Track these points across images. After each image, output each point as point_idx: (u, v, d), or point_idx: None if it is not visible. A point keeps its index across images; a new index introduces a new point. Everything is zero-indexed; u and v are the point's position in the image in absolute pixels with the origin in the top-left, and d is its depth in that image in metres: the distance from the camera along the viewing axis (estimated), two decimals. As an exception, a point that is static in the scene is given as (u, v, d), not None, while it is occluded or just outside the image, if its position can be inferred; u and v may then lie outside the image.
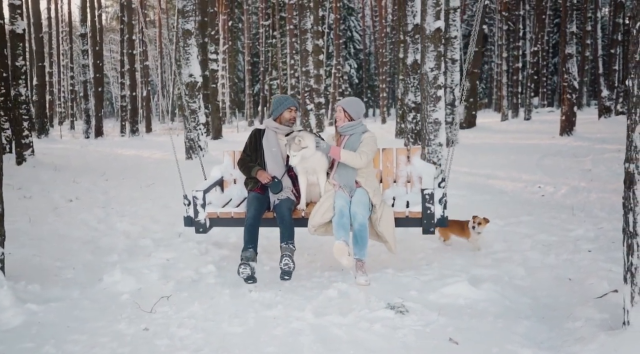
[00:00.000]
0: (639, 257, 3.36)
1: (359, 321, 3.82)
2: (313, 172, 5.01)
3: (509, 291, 4.46)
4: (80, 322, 3.92)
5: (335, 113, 5.20)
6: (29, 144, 13.66)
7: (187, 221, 5.27)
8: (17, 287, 4.46)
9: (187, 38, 12.90)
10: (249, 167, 5.19)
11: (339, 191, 4.95)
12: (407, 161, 5.39)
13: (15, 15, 13.54)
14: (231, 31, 43.49)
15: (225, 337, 3.63)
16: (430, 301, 4.22)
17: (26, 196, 9.44)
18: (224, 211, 5.15)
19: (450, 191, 8.86)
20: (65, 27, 40.04)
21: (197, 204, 5.12)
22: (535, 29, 28.00)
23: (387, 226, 4.79)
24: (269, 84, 39.80)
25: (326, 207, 4.86)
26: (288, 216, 4.86)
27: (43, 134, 25.10)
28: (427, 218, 4.76)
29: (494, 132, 21.52)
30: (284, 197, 5.05)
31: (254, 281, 4.57)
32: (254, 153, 5.28)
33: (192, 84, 12.93)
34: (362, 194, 4.88)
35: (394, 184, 5.44)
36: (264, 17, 41.14)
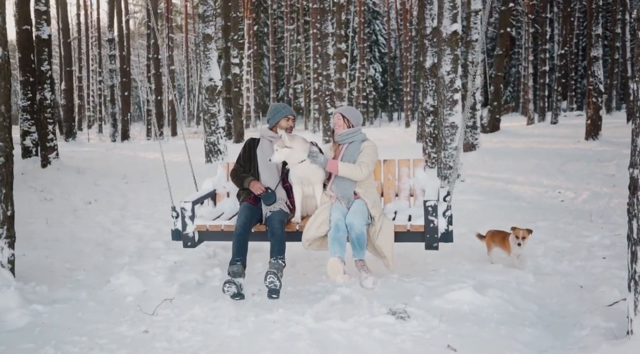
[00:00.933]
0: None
1: (358, 326, 3.79)
2: (308, 183, 4.72)
3: (515, 297, 4.38)
4: (83, 323, 3.97)
5: (333, 121, 4.92)
6: (54, 147, 13.91)
7: (174, 235, 4.92)
8: (25, 288, 4.54)
9: (207, 42, 13.01)
10: (242, 178, 4.90)
11: (336, 203, 4.66)
12: (409, 173, 5.07)
13: (41, 21, 13.81)
14: (257, 36, 43.85)
15: (224, 340, 3.64)
16: (434, 307, 4.16)
17: (47, 198, 9.61)
18: (213, 224, 4.83)
19: (466, 196, 8.78)
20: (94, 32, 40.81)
21: (185, 216, 4.83)
22: (563, 31, 27.57)
23: (386, 240, 4.47)
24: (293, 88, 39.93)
25: (322, 220, 4.55)
26: (279, 229, 4.55)
27: (71, 137, 25.54)
28: (430, 232, 4.41)
29: (518, 136, 21.22)
30: (277, 209, 4.73)
31: (241, 298, 4.26)
32: (247, 164, 5.00)
33: (212, 88, 13.03)
34: (360, 205, 4.57)
35: (396, 198, 5.10)
36: (288, 21, 41.33)
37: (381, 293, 4.48)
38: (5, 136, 4.63)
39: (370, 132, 30.99)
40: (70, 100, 25.87)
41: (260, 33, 45.10)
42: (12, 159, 4.76)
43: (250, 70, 39.40)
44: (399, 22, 48.18)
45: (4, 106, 4.61)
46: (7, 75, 4.64)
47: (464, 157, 14.34)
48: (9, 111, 4.66)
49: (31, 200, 9.52)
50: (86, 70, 44.15)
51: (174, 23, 48.92)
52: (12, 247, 4.74)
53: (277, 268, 4.29)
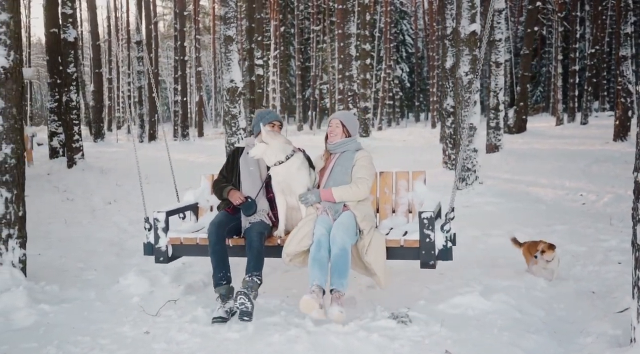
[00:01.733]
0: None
1: (358, 330, 3.75)
2: (290, 192, 4.27)
3: (523, 303, 4.30)
4: (87, 323, 4.02)
5: (329, 127, 4.41)
6: (79, 148, 14.16)
7: (146, 249, 4.53)
8: (35, 287, 4.62)
9: (228, 44, 13.06)
10: (221, 188, 4.55)
11: (322, 215, 4.13)
12: (408, 186, 4.58)
13: (67, 24, 14.07)
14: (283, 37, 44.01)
15: (222, 343, 3.64)
16: (438, 311, 4.11)
17: (69, 198, 9.80)
18: (188, 237, 4.43)
19: (484, 198, 8.66)
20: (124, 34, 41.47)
21: (158, 228, 4.44)
22: (594, 30, 27.02)
23: (377, 255, 3.96)
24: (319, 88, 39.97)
25: (304, 233, 4.04)
26: (257, 241, 4.13)
27: (99, 138, 25.98)
28: (426, 248, 3.92)
29: (545, 137, 20.87)
30: (257, 221, 4.31)
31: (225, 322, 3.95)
32: (230, 174, 4.66)
33: (233, 89, 13.08)
34: (347, 217, 4.05)
35: (393, 215, 4.60)
36: (315, 22, 41.39)
37: (385, 296, 4.45)
38: (17, 138, 4.72)
39: (396, 133, 30.87)
40: (99, 101, 26.33)
41: (287, 34, 45.25)
42: (23, 160, 4.85)
43: (277, 71, 39.54)
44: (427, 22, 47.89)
45: (16, 108, 4.71)
46: (18, 78, 4.74)
47: (486, 159, 14.16)
48: (20, 114, 4.75)
49: (54, 200, 9.71)
50: (116, 72, 44.87)
51: (202, 24, 49.39)
52: (24, 247, 4.83)
53: (250, 287, 3.94)
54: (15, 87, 4.70)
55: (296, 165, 4.22)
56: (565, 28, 29.89)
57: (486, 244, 6.29)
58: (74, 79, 14.32)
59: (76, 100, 14.26)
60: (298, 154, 4.31)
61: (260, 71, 20.97)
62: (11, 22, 4.67)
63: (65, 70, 14.24)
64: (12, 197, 4.70)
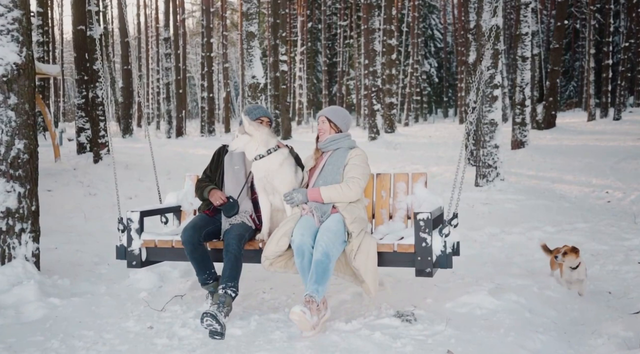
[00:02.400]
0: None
1: (360, 328, 3.70)
2: (273, 191, 3.95)
3: (535, 302, 4.19)
4: (94, 317, 4.04)
5: (318, 125, 4.13)
6: (105, 144, 14.35)
7: (118, 252, 4.23)
8: (46, 281, 4.67)
9: (250, 40, 13.12)
10: (201, 188, 4.23)
11: (306, 216, 3.79)
12: (407, 189, 4.15)
13: (93, 21, 14.26)
14: (311, 32, 43.97)
15: (225, 339, 3.63)
16: (444, 310, 4.04)
17: (91, 193, 9.93)
18: (163, 239, 4.09)
19: (505, 195, 8.52)
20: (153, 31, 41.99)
21: (132, 229, 4.14)
22: (628, 23, 26.34)
23: (366, 260, 3.57)
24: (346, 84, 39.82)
25: (283, 232, 3.71)
26: (235, 245, 3.77)
27: (127, 133, 26.34)
28: (422, 254, 3.52)
29: (575, 133, 20.45)
30: (237, 222, 3.99)
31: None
32: (214, 173, 4.33)
33: (255, 85, 13.12)
34: (334, 221, 3.67)
35: (390, 221, 4.17)
36: (342, 17, 41.24)
37: (393, 294, 4.40)
38: (30, 133, 4.78)
39: (422, 129, 30.59)
40: (127, 97, 26.67)
41: (314, 30, 45.21)
42: (36, 155, 4.91)
43: (303, 67, 39.56)
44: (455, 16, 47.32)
45: (28, 104, 4.76)
46: (30, 74, 4.79)
47: (511, 155, 13.95)
48: (33, 109, 4.81)
49: (77, 194, 9.85)
50: (146, 69, 45.45)
51: (230, 21, 49.67)
52: (37, 241, 4.89)
53: (222, 302, 3.62)
54: (27, 83, 4.75)
55: (278, 160, 3.91)
56: (598, 21, 29.20)
57: (503, 242, 6.18)
58: (99, 75, 14.50)
59: (102, 96, 14.45)
60: (282, 149, 4.00)
61: (284, 67, 20.97)
62: (23, 19, 4.73)
63: (92, 66, 14.45)
64: (25, 192, 4.76)
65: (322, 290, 3.54)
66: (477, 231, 6.63)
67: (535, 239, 6.22)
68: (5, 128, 4.64)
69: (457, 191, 3.82)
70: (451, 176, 10.80)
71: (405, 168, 12.04)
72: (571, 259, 4.28)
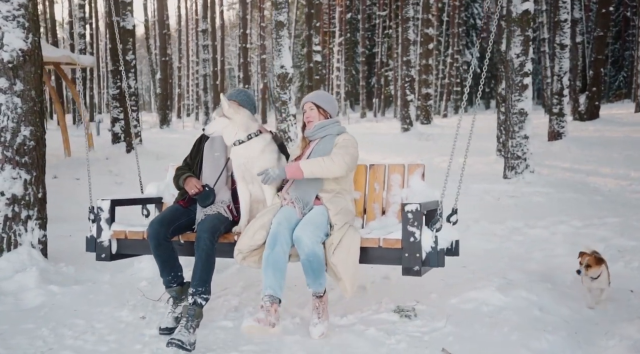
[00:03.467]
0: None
1: (356, 323, 3.56)
2: (252, 180, 3.63)
3: (546, 300, 3.95)
4: (89, 306, 4.00)
5: (304, 113, 3.76)
6: (137, 134, 14.56)
7: (88, 244, 3.93)
8: (50, 268, 4.65)
9: (279, 30, 13.01)
10: (178, 176, 3.91)
11: (287, 207, 3.49)
12: (402, 182, 3.81)
13: (126, 12, 14.39)
14: (350, 23, 43.61)
15: (213, 331, 3.53)
16: (450, 305, 3.85)
17: (118, 182, 10.04)
18: (134, 230, 3.79)
19: (533, 187, 8.19)
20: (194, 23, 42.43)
21: (102, 219, 3.83)
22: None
23: (346, 257, 3.24)
24: (384, 75, 39.37)
25: (260, 224, 3.40)
26: (207, 239, 3.40)
27: (165, 124, 26.68)
28: (410, 250, 3.16)
29: (619, 124, 19.63)
30: (213, 213, 3.64)
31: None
32: (193, 160, 4.02)
33: (283, 75, 13.03)
34: (317, 214, 3.36)
35: (382, 216, 3.80)
36: (381, 7, 40.75)
37: (396, 288, 4.24)
38: (36, 120, 4.77)
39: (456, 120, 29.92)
40: (165, 89, 26.98)
41: (354, 20, 44.82)
42: (43, 142, 4.90)
43: (341, 58, 39.30)
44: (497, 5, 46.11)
45: (35, 91, 4.75)
46: (37, 61, 4.78)
47: (547, 147, 13.47)
48: (40, 96, 4.80)
49: (104, 183, 9.96)
50: (186, 60, 45.99)
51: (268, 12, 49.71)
52: (44, 229, 4.90)
53: (190, 316, 3.24)
54: (34, 70, 4.74)
55: (259, 147, 3.59)
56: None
57: (525, 236, 5.91)
58: (132, 66, 14.66)
59: (134, 87, 14.62)
60: (264, 134, 3.69)
61: (318, 57, 20.80)
62: (29, 5, 4.71)
63: (124, 58, 14.62)
64: (32, 179, 4.76)
65: (323, 282, 3.35)
66: (499, 224, 6.37)
67: (559, 234, 5.95)
68: (11, 115, 4.64)
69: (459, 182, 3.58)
70: (481, 167, 10.49)
71: (433, 159, 11.76)
72: (594, 271, 3.80)
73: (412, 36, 17.89)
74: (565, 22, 13.02)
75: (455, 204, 3.43)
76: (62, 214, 7.23)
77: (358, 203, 3.82)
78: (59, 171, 11.45)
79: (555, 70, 13.27)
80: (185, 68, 46.10)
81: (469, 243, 5.64)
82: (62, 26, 41.59)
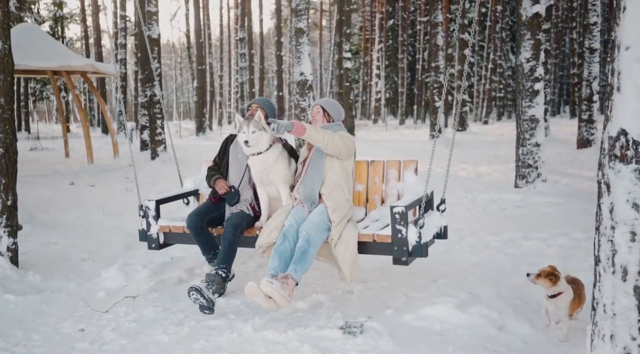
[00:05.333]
0: (601, 290, 2.55)
1: (293, 339, 3.38)
2: (268, 182, 4.21)
3: (510, 318, 3.68)
4: (36, 317, 3.94)
5: (311, 114, 4.30)
6: (162, 141, 14.70)
7: (140, 235, 4.61)
8: (13, 277, 4.60)
9: (299, 37, 12.91)
10: (210, 177, 4.58)
11: (297, 207, 4.06)
12: (398, 176, 4.36)
13: (151, 21, 14.59)
14: (392, 29, 43.26)
15: (146, 345, 3.42)
16: (401, 322, 3.64)
17: (129, 189, 10.09)
18: (176, 225, 4.46)
19: (544, 197, 7.80)
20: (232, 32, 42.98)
21: (149, 216, 4.52)
22: None
23: (345, 251, 3.75)
24: (424, 81, 38.82)
25: (274, 226, 3.98)
26: (230, 233, 4.09)
27: (201, 132, 27.00)
28: (398, 244, 3.70)
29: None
30: (237, 211, 4.31)
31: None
32: (221, 161, 4.68)
33: (303, 82, 12.92)
34: (318, 213, 3.88)
35: (382, 206, 4.36)
36: (422, 13, 40.27)
37: (354, 303, 4.05)
38: (5, 127, 4.77)
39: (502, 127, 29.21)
40: (201, 96, 27.33)
41: (395, 27, 44.44)
42: (13, 149, 4.88)
43: (381, 65, 39.01)
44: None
45: (4, 98, 4.76)
46: (7, 68, 4.79)
47: (575, 155, 12.93)
48: (9, 103, 4.80)
49: (115, 190, 10.06)
50: (227, 68, 46.57)
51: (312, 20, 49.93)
52: (13, 236, 4.87)
53: (210, 281, 3.86)
54: (3, 77, 4.74)
55: (274, 156, 4.15)
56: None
57: (518, 249, 5.58)
58: (157, 74, 14.84)
59: (160, 95, 14.78)
60: (277, 144, 4.23)
61: (348, 64, 20.60)
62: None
63: (150, 66, 14.80)
64: (0, 186, 4.76)
65: (299, 270, 3.64)
66: (496, 235, 6.05)
67: (556, 247, 5.60)
68: (-21, 122, 4.66)
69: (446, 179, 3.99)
70: (497, 176, 10.11)
71: (452, 167, 11.41)
72: (545, 285, 3.47)
73: (440, 41, 17.51)
74: (595, 25, 12.47)
75: (443, 196, 3.98)
76: (61, 221, 7.27)
77: (361, 194, 4.43)
78: (78, 177, 11.66)
79: (584, 75, 12.71)
80: (227, 76, 46.68)
81: (455, 256, 5.38)
82: (110, 36, 42.82)
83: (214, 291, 3.82)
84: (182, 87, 67.14)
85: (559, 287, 3.43)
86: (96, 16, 33.49)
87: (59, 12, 33.48)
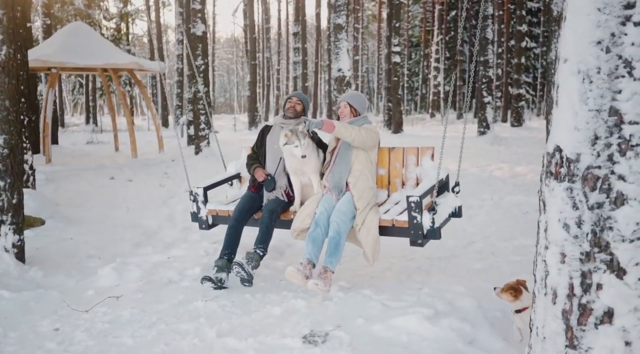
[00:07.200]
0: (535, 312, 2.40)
1: (250, 348, 3.36)
2: (302, 173, 4.70)
3: (482, 331, 3.53)
4: (23, 314, 4.06)
5: (339, 110, 4.74)
6: (205, 136, 14.94)
7: (193, 217, 5.24)
8: (13, 273, 4.79)
9: (337, 33, 12.83)
10: (249, 165, 5.06)
11: (327, 195, 4.52)
12: (417, 161, 4.78)
13: (196, 19, 14.83)
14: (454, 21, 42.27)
15: (110, 349, 3.47)
16: (369, 332, 3.55)
17: (162, 184, 10.30)
18: (222, 209, 5.03)
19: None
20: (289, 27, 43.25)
21: (198, 201, 5.09)
22: None
23: (367, 235, 4.21)
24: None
25: (307, 213, 4.48)
26: (267, 218, 4.62)
27: (253, 126, 27.33)
28: (414, 228, 4.13)
29: None
30: (273, 198, 4.82)
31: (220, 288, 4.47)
32: (259, 150, 5.13)
33: (341, 78, 12.84)
34: (345, 203, 4.33)
35: (402, 189, 4.81)
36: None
37: (330, 310, 3.98)
38: (10, 129, 4.95)
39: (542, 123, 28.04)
40: (253, 91, 27.63)
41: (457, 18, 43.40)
42: (19, 150, 5.08)
43: (440, 58, 38.23)
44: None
45: (9, 100, 4.93)
46: (12, 71, 4.96)
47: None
48: (14, 105, 4.98)
49: (150, 186, 10.27)
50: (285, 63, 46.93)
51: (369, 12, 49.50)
52: (19, 233, 5.06)
53: (251, 258, 4.43)
54: (8, 81, 4.92)
55: (308, 152, 4.51)
56: None
57: (525, 256, 5.33)
58: (201, 71, 15.09)
59: (203, 90, 15.02)
60: (307, 139, 4.57)
61: (397, 59, 20.25)
62: (4, 18, 4.90)
63: (194, 63, 15.05)
64: (6, 185, 4.94)
65: (335, 262, 4.14)
66: (507, 241, 5.82)
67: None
68: (-16, 124, 4.85)
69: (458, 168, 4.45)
70: (532, 177, 9.70)
71: (489, 166, 11.04)
72: (508, 299, 3.32)
73: (490, 35, 16.95)
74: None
75: (457, 179, 4.51)
76: (84, 216, 7.47)
77: (384, 178, 4.87)
78: (120, 172, 11.96)
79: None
80: (285, 70, 47.05)
81: (458, 262, 5.20)
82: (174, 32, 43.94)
83: (253, 266, 4.41)
84: (244, 81, 68.11)
85: (522, 302, 3.25)
86: (157, 12, 34.37)
87: (124, 9, 34.68)
